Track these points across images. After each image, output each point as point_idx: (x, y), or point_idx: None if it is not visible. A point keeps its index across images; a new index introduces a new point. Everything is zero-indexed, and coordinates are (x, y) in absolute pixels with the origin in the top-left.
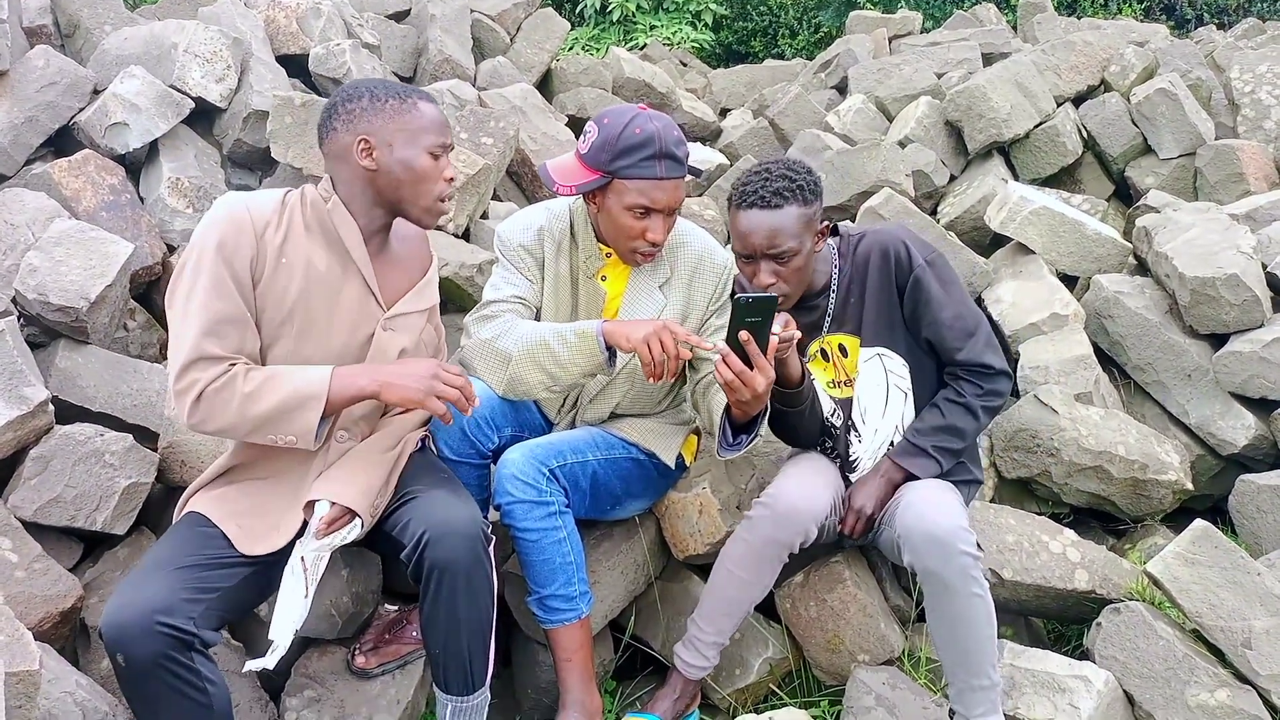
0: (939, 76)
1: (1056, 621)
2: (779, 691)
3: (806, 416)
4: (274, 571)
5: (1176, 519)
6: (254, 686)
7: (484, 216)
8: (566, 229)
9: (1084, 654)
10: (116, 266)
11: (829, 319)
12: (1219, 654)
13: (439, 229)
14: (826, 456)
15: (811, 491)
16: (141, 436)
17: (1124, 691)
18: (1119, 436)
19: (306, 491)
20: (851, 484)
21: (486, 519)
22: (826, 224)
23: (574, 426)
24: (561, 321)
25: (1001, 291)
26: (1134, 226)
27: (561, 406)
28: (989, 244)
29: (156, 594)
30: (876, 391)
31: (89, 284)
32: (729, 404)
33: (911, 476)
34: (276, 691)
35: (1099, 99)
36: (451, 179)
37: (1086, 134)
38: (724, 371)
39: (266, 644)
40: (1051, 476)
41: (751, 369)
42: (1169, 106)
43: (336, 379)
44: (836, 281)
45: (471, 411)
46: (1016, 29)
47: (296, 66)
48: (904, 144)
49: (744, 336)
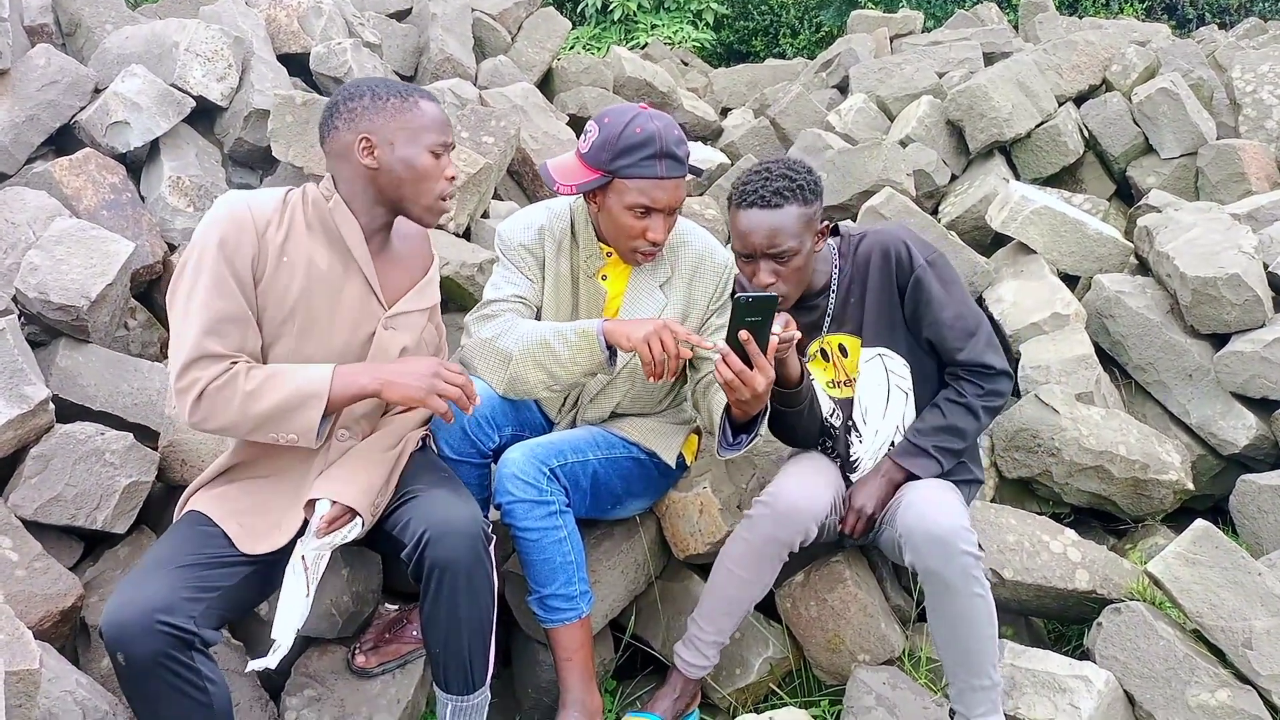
0: (940, 76)
1: (1057, 621)
2: (779, 691)
3: (805, 417)
4: (275, 570)
5: (1177, 519)
6: (254, 686)
7: (485, 216)
8: (567, 228)
9: (1084, 654)
10: (117, 265)
11: (829, 319)
12: (1220, 654)
13: (440, 228)
14: (827, 456)
15: (812, 490)
16: (142, 435)
17: (1124, 691)
18: (1120, 436)
19: (307, 490)
20: (852, 484)
21: (487, 518)
22: (827, 224)
23: (575, 426)
24: (562, 321)
25: (1003, 291)
26: (1135, 226)
27: (562, 406)
28: (990, 243)
29: (157, 593)
30: (877, 392)
31: (90, 283)
32: (729, 403)
33: (912, 476)
34: (277, 691)
35: (1100, 98)
36: (453, 178)
37: (1088, 133)
38: (723, 371)
39: (267, 643)
40: (1052, 476)
41: (751, 368)
42: (1170, 106)
43: (338, 377)
44: (837, 281)
45: (472, 411)
46: (1018, 28)
47: (298, 65)
48: (905, 143)
49: (743, 336)
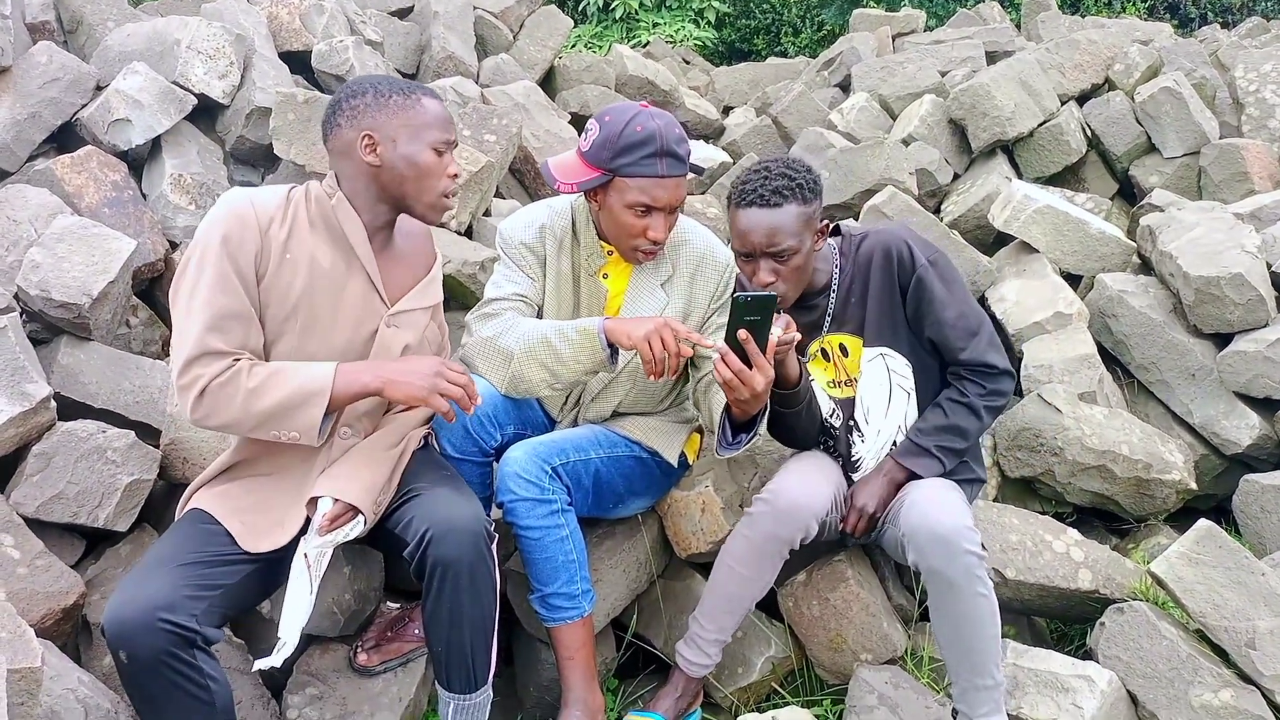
0: (943, 75)
1: (1060, 621)
2: (781, 690)
3: (804, 417)
4: (277, 568)
5: (1180, 519)
6: (256, 684)
7: (487, 214)
8: (568, 226)
9: (1087, 654)
10: (119, 263)
11: (829, 318)
12: (1223, 654)
13: (442, 226)
14: (829, 456)
15: (813, 488)
16: (144, 433)
17: (1127, 691)
18: (1123, 436)
19: (309, 488)
20: (854, 483)
21: (489, 517)
22: (826, 223)
23: (577, 424)
24: (563, 319)
25: (1005, 290)
26: (1138, 225)
27: (564, 404)
28: (992, 242)
29: (159, 591)
30: (879, 391)
31: (91, 280)
32: (728, 403)
33: (915, 476)
34: (278, 689)
35: (1103, 98)
36: (456, 175)
37: (1090, 133)
38: (722, 370)
39: (268, 641)
40: (1055, 476)
41: (750, 368)
42: (1173, 105)
43: (340, 375)
44: (837, 281)
45: (474, 409)
46: (1020, 27)
47: (299, 63)
48: (907, 142)
49: (742, 335)
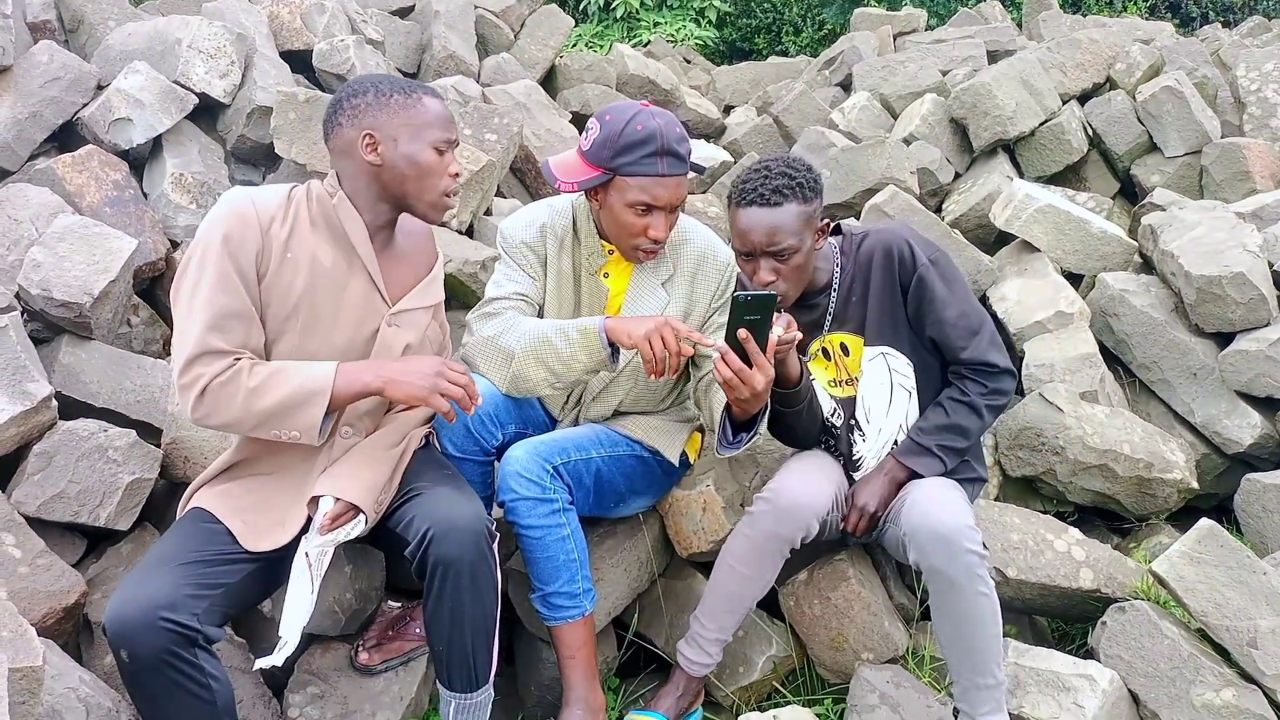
0: (944, 74)
1: (1061, 620)
2: (782, 689)
3: (804, 417)
4: (278, 567)
5: (1181, 518)
6: (257, 683)
7: (488, 213)
8: (569, 226)
9: (1089, 653)
10: (120, 262)
11: (830, 317)
12: (1224, 653)
13: (443, 225)
14: (830, 455)
15: (813, 486)
16: (145, 432)
17: (1129, 691)
18: (1124, 435)
19: (311, 487)
20: (855, 483)
21: (490, 516)
22: (827, 222)
23: (578, 423)
24: (564, 318)
25: (1006, 289)
26: (1139, 224)
27: (565, 403)
28: (994, 241)
29: (160, 590)
30: (880, 390)
31: (92, 279)
32: (729, 402)
33: (916, 475)
34: (280, 688)
35: (1104, 97)
36: (457, 174)
37: (1092, 132)
38: (723, 369)
39: (269, 640)
40: (1056, 475)
41: (751, 367)
42: (1175, 104)
43: (341, 375)
44: (838, 280)
45: (475, 409)
46: (1021, 26)
47: (300, 62)
48: (909, 141)
49: (743, 335)
